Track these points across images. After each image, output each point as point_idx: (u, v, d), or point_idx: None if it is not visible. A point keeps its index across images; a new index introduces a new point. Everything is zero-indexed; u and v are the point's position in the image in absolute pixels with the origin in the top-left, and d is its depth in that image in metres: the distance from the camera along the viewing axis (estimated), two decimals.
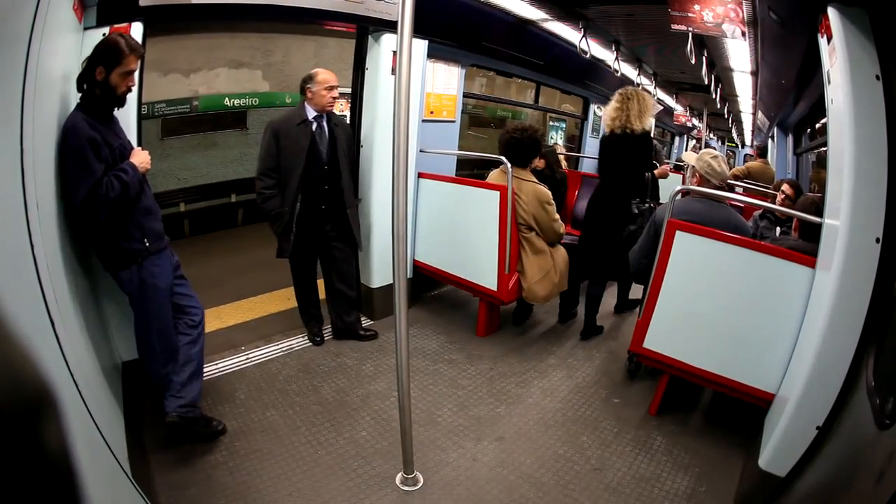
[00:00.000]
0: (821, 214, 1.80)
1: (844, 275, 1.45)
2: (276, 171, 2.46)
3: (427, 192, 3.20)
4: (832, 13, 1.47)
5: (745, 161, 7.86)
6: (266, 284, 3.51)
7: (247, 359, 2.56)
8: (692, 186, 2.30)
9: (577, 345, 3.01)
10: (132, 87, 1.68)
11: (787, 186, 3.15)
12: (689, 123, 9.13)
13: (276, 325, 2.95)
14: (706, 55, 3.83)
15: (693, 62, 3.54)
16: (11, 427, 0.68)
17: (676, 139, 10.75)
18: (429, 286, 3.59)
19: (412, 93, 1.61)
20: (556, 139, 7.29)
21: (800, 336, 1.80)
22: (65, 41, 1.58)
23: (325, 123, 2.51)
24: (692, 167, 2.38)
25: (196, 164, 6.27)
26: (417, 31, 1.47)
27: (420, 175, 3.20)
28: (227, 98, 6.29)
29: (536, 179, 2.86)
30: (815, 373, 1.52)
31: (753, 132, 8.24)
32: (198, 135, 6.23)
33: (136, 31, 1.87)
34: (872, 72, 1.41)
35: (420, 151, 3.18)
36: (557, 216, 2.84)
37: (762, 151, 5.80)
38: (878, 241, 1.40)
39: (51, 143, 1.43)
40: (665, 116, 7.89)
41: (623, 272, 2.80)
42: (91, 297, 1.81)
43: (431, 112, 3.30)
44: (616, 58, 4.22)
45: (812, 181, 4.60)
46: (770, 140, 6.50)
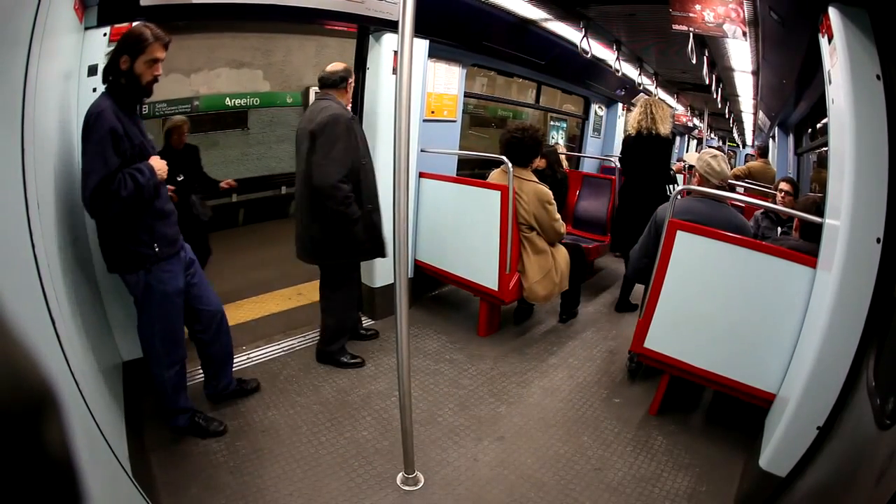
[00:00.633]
0: (821, 214, 1.80)
1: (845, 275, 1.45)
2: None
3: (428, 192, 3.20)
4: (833, 13, 1.47)
5: (747, 161, 7.85)
6: (267, 284, 3.52)
7: (247, 359, 2.57)
8: (693, 186, 2.30)
9: (578, 345, 3.01)
10: (158, 77, 1.64)
11: (785, 184, 3.15)
12: (690, 123, 9.13)
13: (277, 325, 2.95)
14: (707, 55, 3.82)
15: (694, 62, 3.54)
16: (12, 426, 0.68)
17: (677, 139, 10.73)
18: (430, 286, 3.58)
19: (413, 93, 1.61)
20: (558, 139, 7.28)
21: (800, 336, 1.80)
22: (66, 41, 1.58)
23: None
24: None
25: None
26: (418, 31, 1.47)
27: (421, 175, 3.20)
28: (228, 98, 6.30)
29: (537, 179, 2.85)
30: (816, 373, 1.52)
31: (754, 132, 8.22)
32: (199, 135, 6.23)
33: None
34: (873, 72, 1.41)
35: (421, 151, 3.18)
36: (558, 216, 2.84)
37: (763, 151, 5.79)
38: (879, 242, 1.40)
39: (52, 143, 1.43)
40: None
41: None
42: (93, 296, 1.81)
43: (432, 112, 3.30)
44: (617, 58, 4.22)
45: (813, 181, 4.59)
46: (771, 140, 6.48)
